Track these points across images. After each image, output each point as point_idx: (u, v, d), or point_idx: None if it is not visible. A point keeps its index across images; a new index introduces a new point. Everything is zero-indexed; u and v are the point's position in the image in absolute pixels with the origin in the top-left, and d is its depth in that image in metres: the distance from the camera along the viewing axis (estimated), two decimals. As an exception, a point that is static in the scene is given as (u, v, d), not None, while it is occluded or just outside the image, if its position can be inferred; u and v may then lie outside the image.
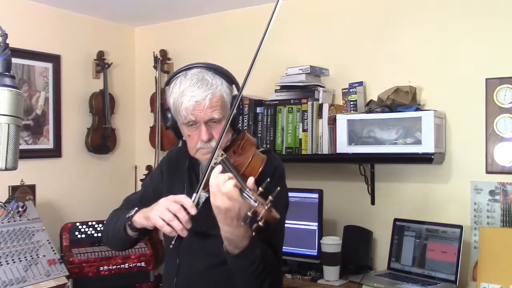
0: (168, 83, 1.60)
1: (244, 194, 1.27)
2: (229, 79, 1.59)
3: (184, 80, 1.53)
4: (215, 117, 1.51)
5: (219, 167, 1.37)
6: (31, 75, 3.26)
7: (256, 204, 1.22)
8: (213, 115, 1.51)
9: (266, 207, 1.19)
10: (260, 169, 1.43)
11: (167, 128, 1.65)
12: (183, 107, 1.50)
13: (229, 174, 1.33)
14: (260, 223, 1.20)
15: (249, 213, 1.22)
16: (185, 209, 1.40)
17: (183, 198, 1.43)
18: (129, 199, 1.85)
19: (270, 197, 1.21)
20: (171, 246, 1.44)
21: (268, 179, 1.27)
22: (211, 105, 1.50)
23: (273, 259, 1.49)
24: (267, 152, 1.61)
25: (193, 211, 1.40)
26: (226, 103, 1.55)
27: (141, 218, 1.54)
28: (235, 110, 1.52)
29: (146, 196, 1.78)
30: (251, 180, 1.30)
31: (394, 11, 2.87)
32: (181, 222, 1.39)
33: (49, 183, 3.33)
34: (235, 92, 1.61)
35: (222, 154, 1.46)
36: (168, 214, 1.41)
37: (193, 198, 1.43)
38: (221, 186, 1.29)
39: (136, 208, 1.60)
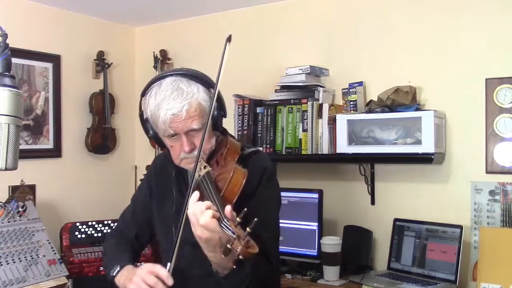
0: (143, 94, 1.56)
1: (222, 225, 1.25)
2: (206, 83, 1.54)
3: (158, 91, 1.49)
4: (194, 128, 1.48)
5: (196, 194, 1.35)
6: (31, 75, 3.26)
7: (234, 236, 1.20)
8: (192, 126, 1.48)
9: (243, 243, 1.17)
10: (241, 186, 1.40)
11: (149, 138, 1.62)
12: (160, 120, 1.47)
13: (207, 203, 1.31)
14: (240, 257, 1.18)
15: (228, 246, 1.20)
16: (161, 280, 1.40)
17: (158, 269, 1.43)
18: (123, 217, 1.85)
19: (248, 229, 1.18)
20: None
21: (245, 209, 1.23)
22: (188, 115, 1.46)
23: (267, 267, 1.48)
24: (255, 153, 1.60)
25: (170, 281, 1.40)
26: (204, 110, 1.50)
27: (121, 286, 1.56)
28: (215, 112, 1.49)
29: (137, 211, 1.79)
30: (228, 209, 1.27)
31: (394, 11, 2.87)
32: None
33: (49, 183, 3.33)
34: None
35: (205, 166, 1.44)
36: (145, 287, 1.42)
37: (167, 267, 1.42)
38: (199, 218, 1.28)
39: (118, 268, 1.61)
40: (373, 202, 2.92)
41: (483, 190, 2.57)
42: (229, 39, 1.43)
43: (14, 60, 2.15)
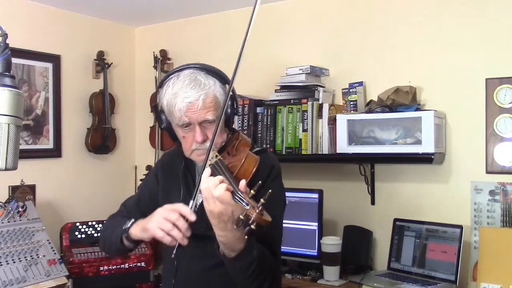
0: (161, 85, 1.59)
1: (236, 197, 1.26)
2: (222, 78, 1.58)
3: (176, 81, 1.52)
4: (208, 119, 1.51)
5: (207, 171, 1.36)
6: (31, 75, 3.27)
7: (248, 207, 1.21)
8: (207, 116, 1.50)
9: (257, 210, 1.19)
10: (254, 170, 1.43)
11: (162, 130, 1.65)
12: (176, 108, 1.50)
13: (220, 177, 1.32)
14: (253, 226, 1.20)
15: (241, 216, 1.21)
16: (183, 216, 1.40)
17: (180, 206, 1.43)
18: (126, 204, 1.84)
19: (262, 200, 1.20)
20: (172, 256, 1.43)
21: (260, 182, 1.26)
22: (204, 106, 1.50)
23: (271, 260, 1.49)
24: (263, 152, 1.61)
25: (192, 217, 1.40)
26: (219, 103, 1.54)
27: (138, 230, 1.54)
28: (228, 109, 1.53)
29: (143, 200, 1.78)
30: (243, 183, 1.30)
31: (394, 11, 2.87)
32: (180, 231, 1.39)
33: (49, 183, 3.33)
34: None
35: (216, 156, 1.46)
36: (167, 224, 1.40)
37: (190, 204, 1.42)
38: (212, 191, 1.29)
39: (133, 220, 1.59)
40: (373, 202, 2.92)
41: (483, 190, 2.57)
42: None
43: (14, 60, 2.15)
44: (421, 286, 2.43)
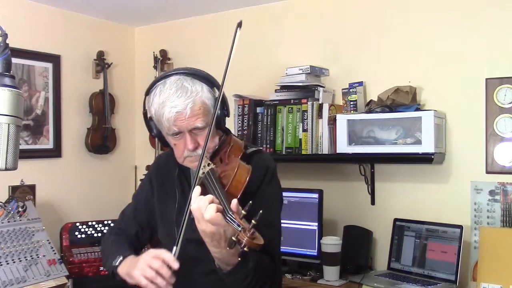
0: (147, 92, 1.57)
1: (227, 218, 1.25)
2: (210, 82, 1.55)
3: (163, 89, 1.50)
4: (198, 126, 1.49)
5: (198, 189, 1.35)
6: (31, 75, 3.26)
7: (239, 229, 1.20)
8: (196, 124, 1.49)
9: (248, 234, 1.18)
10: (246, 181, 1.41)
11: (153, 137, 1.63)
12: (164, 118, 1.48)
13: (209, 197, 1.31)
14: (245, 249, 1.19)
15: (233, 238, 1.20)
16: (166, 264, 1.40)
17: (163, 253, 1.42)
18: (124, 213, 1.84)
19: (253, 221, 1.19)
20: None
21: (250, 202, 1.25)
22: (193, 113, 1.47)
23: (270, 265, 1.48)
24: (256, 152, 1.60)
25: (175, 265, 1.39)
26: (208, 108, 1.51)
27: (124, 273, 1.55)
28: (218, 111, 1.50)
29: (139, 209, 1.78)
30: (234, 203, 1.28)
31: (394, 11, 2.87)
32: (164, 278, 1.39)
33: (49, 183, 3.33)
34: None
35: (209, 164, 1.45)
36: (150, 272, 1.40)
37: (173, 251, 1.41)
38: (203, 212, 1.28)
39: (121, 258, 1.60)
40: (373, 202, 2.92)
41: (483, 190, 2.57)
42: (239, 25, 1.45)
43: (14, 60, 2.15)
44: (421, 286, 2.43)
